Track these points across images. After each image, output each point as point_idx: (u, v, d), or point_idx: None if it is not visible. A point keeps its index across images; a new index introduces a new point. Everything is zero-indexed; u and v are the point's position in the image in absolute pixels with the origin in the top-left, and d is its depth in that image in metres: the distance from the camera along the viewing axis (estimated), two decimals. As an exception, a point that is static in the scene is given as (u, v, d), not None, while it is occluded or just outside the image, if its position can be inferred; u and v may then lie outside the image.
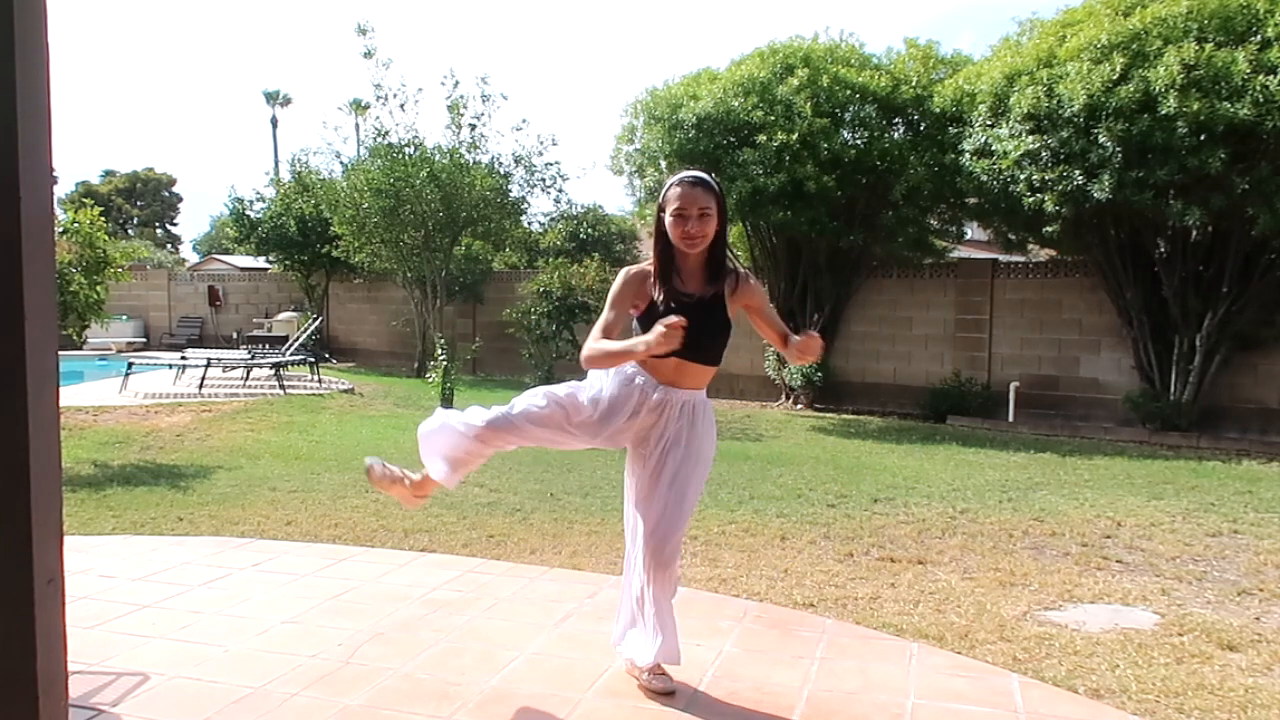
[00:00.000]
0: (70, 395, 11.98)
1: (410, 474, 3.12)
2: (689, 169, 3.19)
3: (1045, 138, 9.40)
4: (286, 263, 19.41)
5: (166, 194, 49.63)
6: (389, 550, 4.79)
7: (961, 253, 14.55)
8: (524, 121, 23.99)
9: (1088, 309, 11.43)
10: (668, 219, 2.82)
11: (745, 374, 14.03)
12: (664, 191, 2.86)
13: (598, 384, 2.90)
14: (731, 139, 11.23)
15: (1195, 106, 8.42)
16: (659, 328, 2.57)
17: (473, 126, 14.99)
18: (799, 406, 12.80)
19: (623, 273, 2.92)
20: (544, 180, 15.68)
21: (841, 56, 11.64)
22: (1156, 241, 10.37)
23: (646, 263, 2.94)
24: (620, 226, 23.39)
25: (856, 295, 13.06)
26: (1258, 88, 8.30)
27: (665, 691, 2.91)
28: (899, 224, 11.52)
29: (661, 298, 2.83)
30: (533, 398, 2.92)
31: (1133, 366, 10.85)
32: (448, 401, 11.29)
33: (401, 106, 15.02)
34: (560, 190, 15.97)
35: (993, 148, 9.98)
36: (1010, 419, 11.41)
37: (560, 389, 2.93)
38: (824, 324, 12.76)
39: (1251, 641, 3.61)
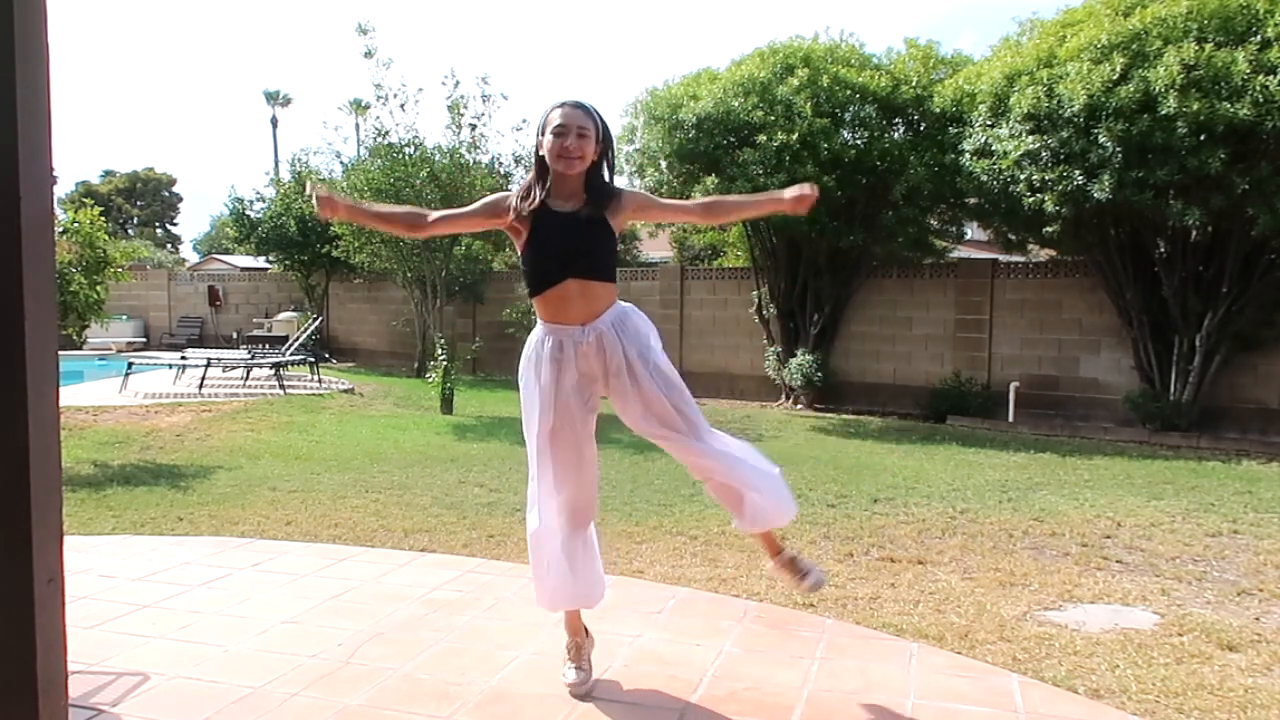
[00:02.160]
0: (70, 395, 11.98)
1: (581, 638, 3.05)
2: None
3: (1045, 138, 9.40)
4: (286, 263, 19.42)
5: (166, 194, 49.69)
6: (389, 550, 4.79)
7: (961, 253, 14.55)
8: (524, 121, 23.66)
9: (1088, 309, 11.43)
10: (547, 139, 2.74)
11: (745, 374, 14.03)
12: (544, 117, 2.79)
13: (530, 383, 2.86)
14: (731, 139, 11.23)
15: (1195, 106, 8.42)
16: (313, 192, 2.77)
17: (473, 126, 14.97)
18: (799, 406, 12.80)
19: (495, 194, 2.91)
20: (544, 180, 15.68)
21: (841, 57, 11.65)
22: (1156, 241, 10.36)
23: (514, 192, 2.87)
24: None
25: (856, 295, 13.06)
26: (1258, 88, 8.30)
27: (819, 585, 3.09)
28: (899, 224, 11.51)
29: (534, 209, 2.77)
30: (531, 467, 2.91)
31: (1133, 366, 10.85)
32: (447, 402, 11.30)
33: (402, 106, 15.00)
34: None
35: (993, 148, 9.97)
36: (1010, 419, 11.41)
37: (528, 432, 2.90)
38: (824, 324, 12.79)
39: (1251, 641, 3.61)
